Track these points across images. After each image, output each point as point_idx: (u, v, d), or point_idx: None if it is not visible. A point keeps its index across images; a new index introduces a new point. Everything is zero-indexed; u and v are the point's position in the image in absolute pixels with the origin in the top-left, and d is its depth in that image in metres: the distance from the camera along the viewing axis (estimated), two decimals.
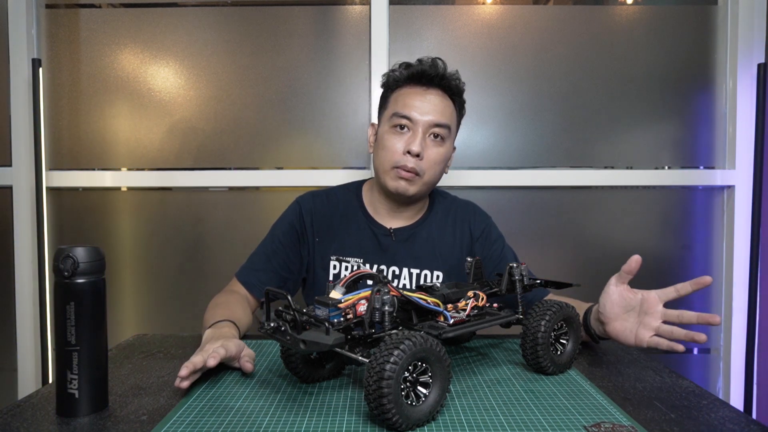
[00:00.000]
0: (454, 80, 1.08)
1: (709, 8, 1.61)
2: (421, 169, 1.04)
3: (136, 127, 1.60)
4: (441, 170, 1.10)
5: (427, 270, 1.12)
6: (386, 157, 1.06)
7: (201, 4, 1.59)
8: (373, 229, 1.13)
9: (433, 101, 1.05)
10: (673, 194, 1.63)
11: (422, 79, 1.06)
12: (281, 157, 1.61)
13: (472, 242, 1.16)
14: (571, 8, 1.62)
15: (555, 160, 1.61)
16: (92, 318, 0.66)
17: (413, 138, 1.03)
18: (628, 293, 0.87)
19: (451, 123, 1.07)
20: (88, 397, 0.66)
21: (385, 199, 1.13)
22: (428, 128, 1.04)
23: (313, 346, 0.60)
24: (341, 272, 1.10)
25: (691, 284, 0.83)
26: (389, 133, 1.06)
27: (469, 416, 0.65)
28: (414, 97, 1.05)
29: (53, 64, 1.58)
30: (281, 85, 1.60)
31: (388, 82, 1.11)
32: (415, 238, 1.13)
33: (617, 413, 0.66)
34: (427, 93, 1.06)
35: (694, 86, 1.62)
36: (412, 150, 1.02)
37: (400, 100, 1.07)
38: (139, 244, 1.62)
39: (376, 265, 1.11)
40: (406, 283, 1.11)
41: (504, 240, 1.19)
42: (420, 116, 1.04)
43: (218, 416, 0.65)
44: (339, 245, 1.12)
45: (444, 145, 1.07)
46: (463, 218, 1.17)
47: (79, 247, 0.65)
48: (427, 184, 1.08)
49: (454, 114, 1.10)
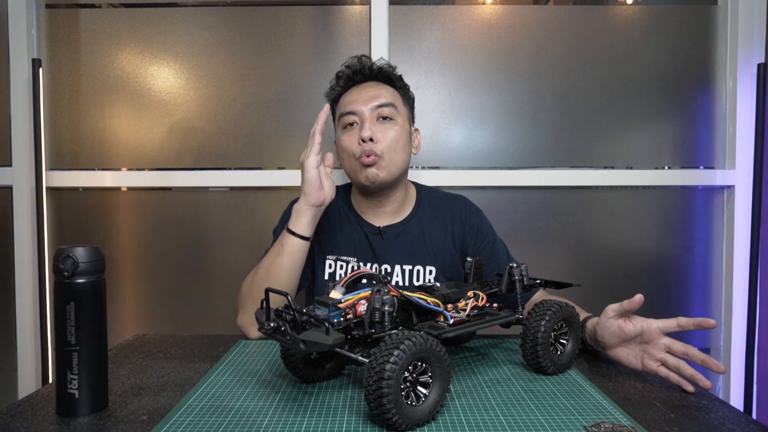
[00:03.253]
0: (385, 68, 1.14)
1: (709, 8, 1.61)
2: (379, 150, 1.07)
3: (136, 127, 1.60)
4: (402, 149, 1.10)
5: (419, 265, 1.13)
6: (346, 157, 1.11)
7: (201, 4, 1.59)
8: (363, 229, 1.15)
9: (370, 90, 1.11)
10: (673, 194, 1.63)
11: (354, 79, 1.14)
12: (281, 158, 1.61)
13: (464, 234, 1.16)
14: (571, 8, 1.62)
15: (555, 160, 1.61)
16: (92, 318, 0.66)
17: (362, 127, 1.08)
18: (627, 324, 0.83)
19: (394, 101, 1.11)
20: (88, 397, 0.66)
21: (366, 197, 1.15)
22: (372, 113, 1.09)
23: (313, 346, 0.60)
24: (336, 272, 1.12)
25: (695, 323, 0.78)
26: (342, 134, 1.12)
27: (469, 416, 0.65)
28: (352, 95, 1.12)
29: (53, 64, 1.58)
30: (281, 85, 1.60)
31: (331, 97, 1.18)
32: (405, 235, 1.14)
33: (617, 413, 0.66)
34: (363, 86, 1.13)
35: (694, 86, 1.62)
36: (364, 136, 1.06)
37: (342, 102, 1.14)
38: (139, 244, 1.62)
39: (369, 264, 1.13)
40: (399, 280, 1.12)
41: (495, 233, 1.19)
42: (361, 106, 1.09)
43: (218, 416, 0.65)
44: (332, 245, 1.14)
45: (396, 124, 1.10)
46: (454, 211, 1.18)
47: (79, 247, 0.65)
48: (393, 165, 1.09)
49: (397, 94, 1.14)
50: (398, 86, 1.15)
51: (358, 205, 1.18)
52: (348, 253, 1.13)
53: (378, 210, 1.16)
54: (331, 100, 1.18)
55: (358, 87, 1.13)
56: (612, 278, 1.63)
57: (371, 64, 1.14)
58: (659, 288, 1.64)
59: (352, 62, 1.14)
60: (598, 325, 0.86)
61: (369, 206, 1.16)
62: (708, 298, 1.65)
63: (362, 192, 1.15)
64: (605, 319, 0.84)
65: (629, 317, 0.83)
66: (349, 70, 1.14)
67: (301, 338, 0.60)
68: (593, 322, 0.89)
